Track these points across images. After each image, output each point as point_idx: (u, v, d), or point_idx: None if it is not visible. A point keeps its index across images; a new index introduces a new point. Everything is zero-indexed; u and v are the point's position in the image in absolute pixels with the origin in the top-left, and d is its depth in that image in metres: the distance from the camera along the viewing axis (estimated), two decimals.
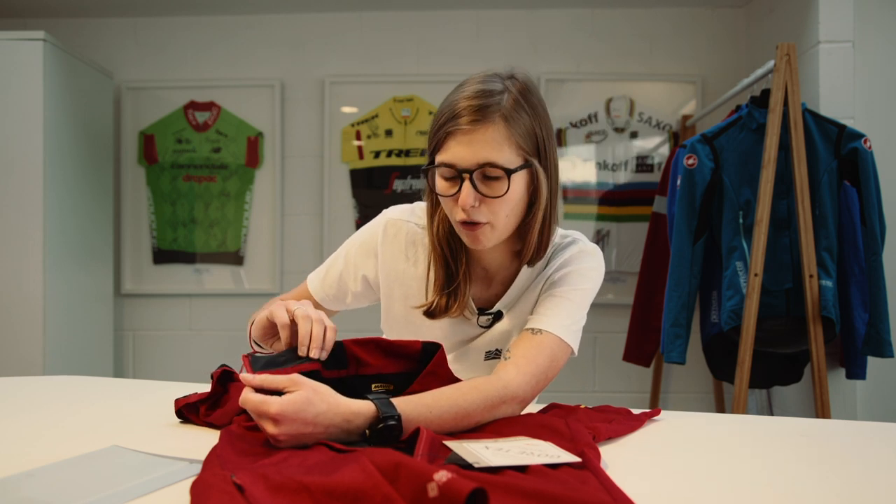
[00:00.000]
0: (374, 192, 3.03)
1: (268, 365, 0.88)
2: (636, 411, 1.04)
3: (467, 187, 0.99)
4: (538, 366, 1.02)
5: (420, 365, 0.96)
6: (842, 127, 2.09)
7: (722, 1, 2.94)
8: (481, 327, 1.15)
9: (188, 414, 0.98)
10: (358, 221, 3.02)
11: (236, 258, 3.06)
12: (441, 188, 1.03)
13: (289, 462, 0.72)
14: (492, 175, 0.99)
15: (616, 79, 3.00)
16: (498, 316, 1.15)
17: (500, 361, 1.04)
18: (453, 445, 0.77)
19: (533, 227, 1.07)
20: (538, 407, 1.07)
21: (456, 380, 0.95)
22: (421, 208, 1.18)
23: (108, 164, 2.96)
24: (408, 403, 0.86)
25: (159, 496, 0.66)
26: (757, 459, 0.84)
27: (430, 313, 1.11)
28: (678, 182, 2.21)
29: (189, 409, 0.98)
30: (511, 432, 0.87)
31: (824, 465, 0.83)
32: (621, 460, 0.80)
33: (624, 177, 2.98)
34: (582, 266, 1.12)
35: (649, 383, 2.88)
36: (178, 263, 3.07)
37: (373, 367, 0.95)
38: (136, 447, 0.82)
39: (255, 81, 3.05)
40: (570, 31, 3.02)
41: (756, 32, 2.88)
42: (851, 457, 0.87)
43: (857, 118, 2.29)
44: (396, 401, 0.85)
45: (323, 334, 0.92)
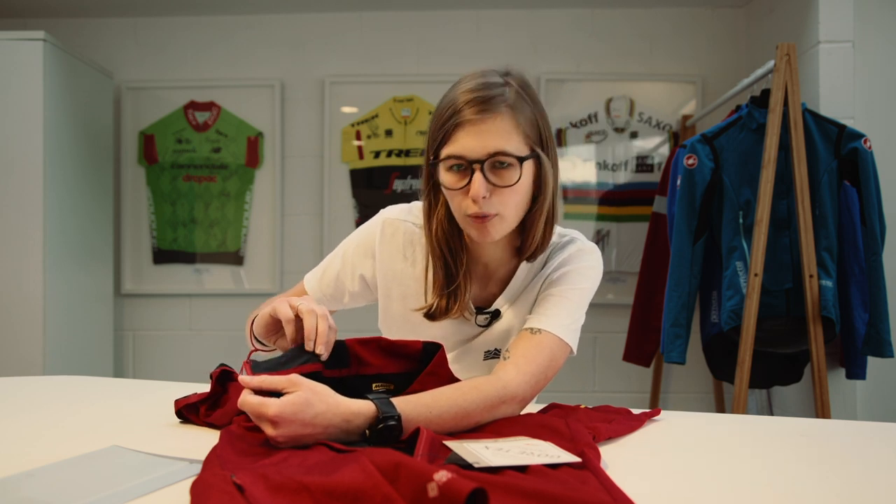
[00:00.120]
0: (374, 192, 3.03)
1: (269, 368, 0.88)
2: (636, 411, 1.04)
3: (479, 178, 0.99)
4: (538, 365, 1.01)
5: (420, 365, 0.96)
6: (842, 127, 2.09)
7: (722, 1, 2.94)
8: (479, 326, 1.15)
9: (188, 414, 0.98)
10: (358, 221, 3.02)
11: (236, 258, 3.06)
12: (449, 182, 1.02)
13: (289, 462, 0.72)
14: (502, 164, 0.99)
15: (616, 79, 3.00)
16: (496, 315, 1.14)
17: (500, 361, 1.04)
18: (453, 445, 0.77)
19: (537, 220, 1.07)
20: (538, 407, 1.07)
21: (456, 380, 0.95)
22: (418, 208, 1.17)
23: (108, 164, 2.96)
24: (407, 403, 0.86)
25: (159, 496, 0.66)
26: (757, 459, 0.84)
27: (431, 315, 1.11)
28: (678, 182, 2.21)
29: (189, 410, 0.98)
30: (511, 432, 0.87)
31: (824, 465, 0.83)
32: (621, 460, 0.80)
33: (624, 177, 2.98)
34: (581, 265, 1.12)
35: (649, 383, 2.88)
36: (178, 263, 3.07)
37: (373, 367, 0.95)
38: (136, 447, 0.82)
39: (255, 81, 3.05)
40: (570, 31, 3.02)
41: (756, 32, 2.88)
42: (851, 457, 0.87)
43: (857, 118, 2.29)
44: (396, 400, 0.85)
45: (327, 331, 0.92)
